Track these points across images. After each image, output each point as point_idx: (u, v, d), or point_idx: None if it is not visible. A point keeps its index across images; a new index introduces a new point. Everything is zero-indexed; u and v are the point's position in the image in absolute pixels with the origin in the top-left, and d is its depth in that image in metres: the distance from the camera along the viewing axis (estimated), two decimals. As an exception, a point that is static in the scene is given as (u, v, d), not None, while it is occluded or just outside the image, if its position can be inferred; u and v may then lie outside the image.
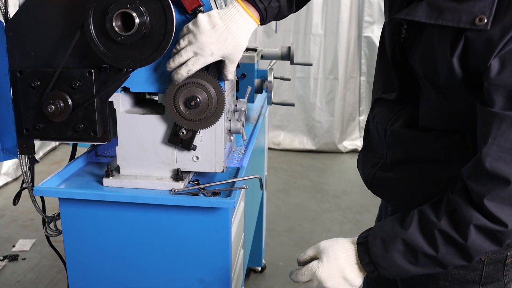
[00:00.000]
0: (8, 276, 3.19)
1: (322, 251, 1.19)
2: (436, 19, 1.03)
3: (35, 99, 1.35)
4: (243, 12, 1.24)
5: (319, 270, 1.17)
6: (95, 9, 1.23)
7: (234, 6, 1.25)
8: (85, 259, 1.46)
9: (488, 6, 0.97)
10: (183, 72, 1.23)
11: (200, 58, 1.21)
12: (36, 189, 1.38)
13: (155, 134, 1.38)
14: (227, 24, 1.22)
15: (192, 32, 1.20)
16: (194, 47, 1.20)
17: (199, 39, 1.20)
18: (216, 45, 1.20)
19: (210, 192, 1.36)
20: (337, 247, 1.18)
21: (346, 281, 1.17)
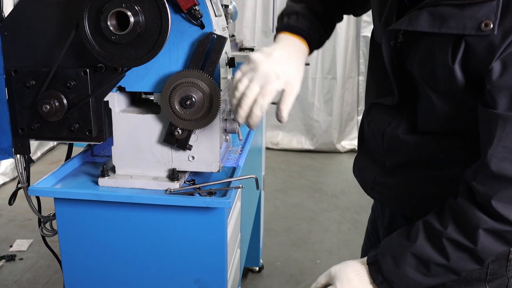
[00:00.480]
0: (6, 276, 3.18)
1: (334, 277, 1.18)
2: (439, 27, 1.01)
3: (30, 99, 1.34)
4: (292, 38, 1.26)
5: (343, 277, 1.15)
6: (90, 8, 1.23)
7: (280, 36, 1.27)
8: (81, 259, 1.45)
9: (493, 10, 0.95)
10: (257, 111, 1.13)
11: (267, 86, 1.12)
12: (31, 189, 1.37)
13: (151, 134, 1.38)
14: (281, 51, 1.19)
15: (249, 69, 1.14)
16: (257, 80, 1.12)
17: (260, 70, 1.12)
18: (280, 68, 1.14)
19: (205, 192, 1.36)
20: (349, 270, 1.17)
21: None
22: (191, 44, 1.29)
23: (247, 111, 1.13)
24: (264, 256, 3.41)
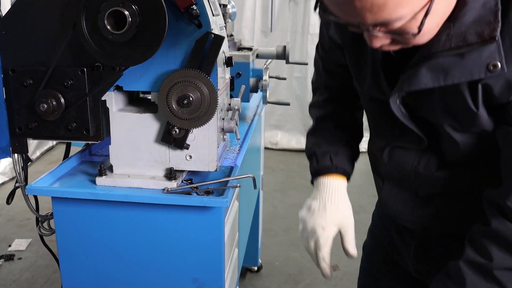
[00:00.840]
0: (4, 276, 3.18)
1: None
2: (445, 80, 0.99)
3: (28, 98, 1.34)
4: (327, 179, 1.36)
5: None
6: (87, 7, 1.22)
7: (318, 182, 1.38)
8: (78, 258, 1.46)
9: (495, 51, 0.93)
10: (321, 264, 1.30)
11: (318, 241, 1.29)
12: (29, 188, 1.38)
13: (148, 133, 1.38)
14: (317, 200, 1.33)
15: (302, 229, 1.33)
16: (310, 238, 1.31)
17: (307, 227, 1.30)
18: (322, 218, 1.29)
19: (203, 191, 1.36)
20: None
21: None
22: (189, 43, 1.30)
23: (319, 264, 1.30)
24: (263, 256, 3.41)
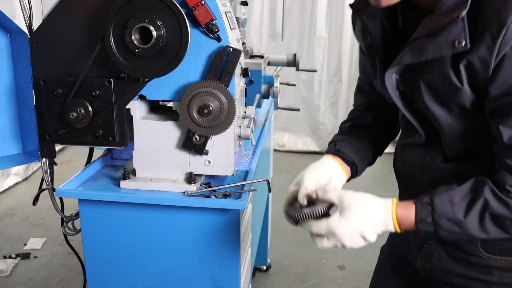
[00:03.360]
0: (21, 273, 3.28)
1: (346, 207, 1.16)
2: (420, 57, 1.14)
3: (58, 106, 1.44)
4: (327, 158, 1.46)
5: (340, 228, 1.14)
6: (115, 23, 1.32)
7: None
8: (103, 257, 1.54)
9: (461, 30, 1.07)
10: None
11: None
12: (58, 190, 1.47)
13: (170, 139, 1.47)
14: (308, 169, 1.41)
15: None
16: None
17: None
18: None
19: (221, 194, 1.45)
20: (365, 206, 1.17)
21: (366, 240, 1.17)
22: (208, 56, 1.38)
23: None
24: (271, 256, 3.50)
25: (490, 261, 1.29)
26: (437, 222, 1.14)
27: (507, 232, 1.13)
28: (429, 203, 1.15)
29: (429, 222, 1.15)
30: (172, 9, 1.29)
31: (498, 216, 1.11)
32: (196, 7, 1.32)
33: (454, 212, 1.13)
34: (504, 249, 1.27)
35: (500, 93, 1.09)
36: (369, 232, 1.15)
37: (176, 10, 1.29)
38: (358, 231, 1.15)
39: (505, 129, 1.10)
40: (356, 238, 1.15)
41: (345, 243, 1.15)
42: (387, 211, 1.17)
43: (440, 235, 1.16)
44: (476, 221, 1.12)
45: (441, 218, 1.13)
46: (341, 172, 1.44)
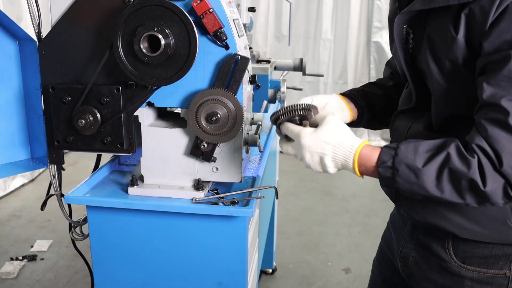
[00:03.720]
0: (28, 275, 3.29)
1: (322, 125, 1.20)
2: (429, 4, 1.15)
3: (66, 114, 1.44)
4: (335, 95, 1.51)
5: (306, 139, 1.18)
6: (123, 31, 1.32)
7: None
8: (110, 263, 1.55)
9: None
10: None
11: None
12: (67, 197, 1.48)
13: (177, 146, 1.47)
14: None
15: None
16: None
17: None
18: None
19: (229, 201, 1.45)
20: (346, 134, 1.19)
21: (322, 165, 1.20)
22: (216, 64, 1.39)
23: None
24: (277, 259, 3.50)
25: (461, 270, 1.31)
26: (396, 167, 1.12)
27: (460, 195, 1.09)
28: (394, 148, 1.14)
29: (389, 166, 1.13)
30: (181, 17, 1.29)
31: (456, 173, 1.06)
32: (205, 15, 1.32)
33: (415, 159, 1.10)
34: (474, 256, 1.29)
35: (493, 49, 1.08)
36: (328, 159, 1.17)
37: (184, 18, 1.29)
38: (320, 150, 1.17)
39: (487, 86, 1.07)
40: (316, 157, 1.18)
41: (304, 157, 1.19)
42: (353, 146, 1.17)
43: (397, 182, 1.13)
44: (434, 173, 1.09)
45: (401, 164, 1.11)
46: (344, 106, 1.48)
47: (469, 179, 1.06)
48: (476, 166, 1.05)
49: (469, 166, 1.05)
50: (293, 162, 5.73)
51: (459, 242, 1.30)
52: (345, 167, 1.19)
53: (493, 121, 1.06)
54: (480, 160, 1.05)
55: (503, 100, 1.04)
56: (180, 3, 1.34)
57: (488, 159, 1.05)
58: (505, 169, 1.04)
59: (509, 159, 1.03)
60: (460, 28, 1.12)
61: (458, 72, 1.18)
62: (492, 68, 1.08)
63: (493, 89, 1.06)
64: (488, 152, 1.05)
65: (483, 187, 1.05)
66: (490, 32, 1.07)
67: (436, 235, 1.34)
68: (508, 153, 1.03)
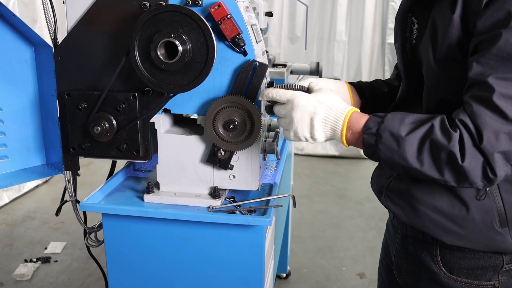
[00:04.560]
0: (42, 277, 3.30)
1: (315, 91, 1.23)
2: None
3: (82, 120, 1.43)
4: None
5: (299, 99, 1.19)
6: (140, 37, 1.30)
7: None
8: (125, 270, 1.53)
9: None
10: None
11: None
12: (82, 204, 1.46)
13: (194, 154, 1.45)
14: None
15: None
16: None
17: None
18: None
19: (246, 209, 1.43)
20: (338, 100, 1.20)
21: (311, 127, 1.20)
22: (234, 70, 1.36)
23: None
24: (291, 263, 3.47)
25: (450, 282, 1.30)
26: (379, 133, 1.12)
27: (439, 170, 1.09)
28: (381, 117, 1.15)
29: (373, 132, 1.13)
30: (198, 23, 1.27)
31: (437, 144, 1.06)
32: (223, 21, 1.30)
33: (399, 128, 1.10)
34: (461, 267, 1.28)
35: (485, 29, 1.07)
36: (318, 119, 1.18)
37: (202, 24, 1.27)
38: (313, 110, 1.18)
39: (476, 65, 1.08)
40: (306, 117, 1.19)
41: (294, 118, 1.19)
42: (345, 109, 1.18)
43: (379, 149, 1.13)
44: (416, 143, 1.09)
45: (385, 131, 1.12)
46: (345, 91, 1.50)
47: (448, 151, 1.06)
48: (457, 140, 1.05)
49: (450, 139, 1.06)
50: (307, 165, 5.72)
51: (446, 253, 1.29)
52: (334, 131, 1.19)
53: (478, 98, 1.06)
54: (461, 135, 1.06)
55: (490, 78, 1.05)
56: (197, 8, 1.31)
57: (469, 134, 1.05)
58: (484, 146, 1.04)
59: (489, 136, 1.03)
60: (457, 7, 1.12)
61: (452, 58, 1.17)
62: (482, 48, 1.08)
63: (482, 68, 1.07)
64: (469, 128, 1.05)
65: (461, 161, 1.05)
66: (484, 12, 1.07)
67: (425, 245, 1.34)
68: (489, 130, 1.04)
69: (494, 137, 1.03)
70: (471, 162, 1.04)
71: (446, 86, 1.20)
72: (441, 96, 1.22)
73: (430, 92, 1.24)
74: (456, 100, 1.16)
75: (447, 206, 1.23)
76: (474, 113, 1.05)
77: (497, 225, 1.21)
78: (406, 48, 1.33)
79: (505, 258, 1.26)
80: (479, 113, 1.05)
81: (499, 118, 1.03)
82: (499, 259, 1.26)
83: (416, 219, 1.30)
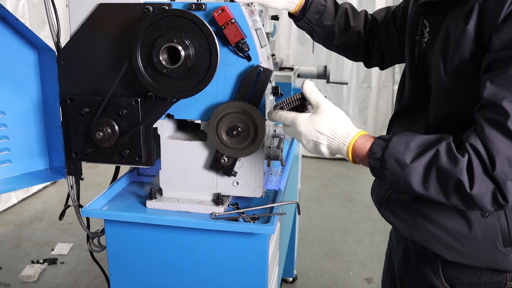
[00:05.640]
0: (48, 279, 3.30)
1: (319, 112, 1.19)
2: None
3: (84, 125, 1.41)
4: None
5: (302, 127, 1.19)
6: (142, 42, 1.29)
7: None
8: (128, 276, 1.52)
9: None
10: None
11: None
12: (84, 210, 1.45)
13: (197, 160, 1.43)
14: None
15: None
16: None
17: None
18: None
19: (249, 217, 1.41)
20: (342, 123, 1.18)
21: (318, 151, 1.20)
22: (238, 75, 1.34)
23: None
24: (297, 267, 3.44)
25: None
26: (384, 159, 1.09)
27: (446, 195, 1.05)
28: (387, 140, 1.11)
29: (378, 157, 1.11)
30: (201, 28, 1.25)
31: (444, 171, 1.02)
32: (226, 25, 1.28)
33: (404, 154, 1.07)
34: (462, 282, 1.25)
35: (502, 46, 1.02)
36: (323, 147, 1.19)
37: (205, 29, 1.25)
38: (315, 139, 1.18)
39: (490, 85, 1.02)
40: (311, 144, 1.20)
41: (301, 141, 1.21)
42: (347, 137, 1.17)
43: (384, 175, 1.11)
44: (421, 171, 1.05)
45: (390, 157, 1.09)
46: None
47: (456, 179, 1.02)
48: (465, 166, 1.01)
49: (456, 165, 1.01)
50: (316, 167, 5.68)
51: (448, 267, 1.26)
52: (340, 153, 1.19)
53: (492, 121, 1.01)
54: (470, 160, 1.01)
55: (505, 102, 1.00)
56: (201, 13, 1.30)
57: (479, 161, 1.01)
58: (497, 173, 0.99)
59: (502, 163, 0.99)
60: (471, 18, 1.07)
61: (463, 70, 1.12)
62: (497, 66, 1.03)
63: (496, 88, 1.02)
64: (481, 153, 1.01)
65: (469, 189, 1.01)
66: (502, 27, 1.02)
67: (426, 259, 1.31)
68: (503, 157, 0.99)
69: (508, 164, 0.98)
70: (480, 189, 1.00)
71: (456, 100, 1.16)
72: (450, 109, 1.18)
73: (438, 105, 1.20)
74: (465, 114, 1.12)
75: (450, 221, 1.19)
76: (486, 138, 1.01)
77: (500, 244, 1.17)
78: (414, 52, 1.30)
79: (509, 275, 1.22)
80: (492, 138, 1.00)
81: None
82: (502, 275, 1.23)
83: (416, 232, 1.27)
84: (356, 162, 1.18)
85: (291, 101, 1.26)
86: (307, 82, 1.25)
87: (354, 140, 1.16)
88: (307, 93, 1.23)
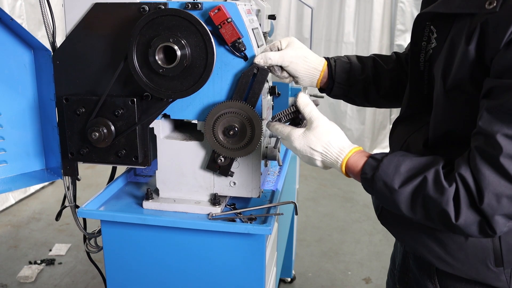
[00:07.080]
0: (46, 280, 3.29)
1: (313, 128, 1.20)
2: (450, 8, 1.09)
3: (80, 125, 1.41)
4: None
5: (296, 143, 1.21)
6: (138, 41, 1.28)
7: None
8: (124, 277, 1.51)
9: None
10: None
11: None
12: (80, 211, 1.44)
13: (194, 160, 1.42)
14: None
15: None
16: None
17: None
18: None
19: (246, 217, 1.40)
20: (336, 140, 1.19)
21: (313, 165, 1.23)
22: (234, 75, 1.34)
23: None
24: (296, 267, 3.44)
25: None
26: (374, 181, 1.10)
27: (432, 222, 1.05)
28: (378, 161, 1.12)
29: (369, 178, 1.11)
30: (198, 27, 1.25)
31: (429, 200, 1.02)
32: (222, 25, 1.27)
33: (393, 179, 1.07)
34: None
35: (502, 72, 0.98)
36: (318, 162, 1.21)
37: (201, 28, 1.24)
38: (309, 155, 1.20)
39: (487, 114, 0.99)
40: (306, 158, 1.22)
41: (297, 155, 1.24)
42: (340, 155, 1.18)
43: (375, 195, 1.13)
44: (408, 197, 1.05)
45: (379, 180, 1.09)
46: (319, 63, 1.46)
47: (441, 209, 1.01)
48: (451, 196, 1.00)
49: (443, 194, 1.00)
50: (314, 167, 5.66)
51: (443, 275, 1.25)
52: (335, 168, 1.21)
53: (484, 154, 0.99)
54: (458, 191, 0.99)
55: (499, 135, 0.97)
56: (197, 12, 1.29)
57: (467, 192, 0.99)
58: (484, 207, 0.97)
59: (490, 198, 0.97)
60: (472, 40, 1.04)
61: (462, 90, 1.09)
62: (496, 95, 0.99)
63: (492, 118, 0.99)
64: (469, 185, 0.99)
65: (454, 220, 1.00)
66: (503, 53, 0.98)
67: (424, 265, 1.30)
68: (492, 192, 0.97)
69: (496, 200, 0.97)
70: (466, 220, 0.99)
71: (453, 119, 1.14)
72: (448, 127, 1.16)
73: (437, 122, 1.18)
74: (463, 134, 1.11)
75: (443, 236, 1.18)
76: (477, 170, 0.99)
77: (492, 264, 1.16)
78: (419, 58, 1.24)
79: None
80: (483, 171, 0.98)
81: (503, 180, 0.96)
82: None
83: (410, 242, 1.27)
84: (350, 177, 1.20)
85: (287, 114, 1.28)
86: (301, 95, 1.26)
87: (347, 157, 1.17)
88: (301, 107, 1.24)
